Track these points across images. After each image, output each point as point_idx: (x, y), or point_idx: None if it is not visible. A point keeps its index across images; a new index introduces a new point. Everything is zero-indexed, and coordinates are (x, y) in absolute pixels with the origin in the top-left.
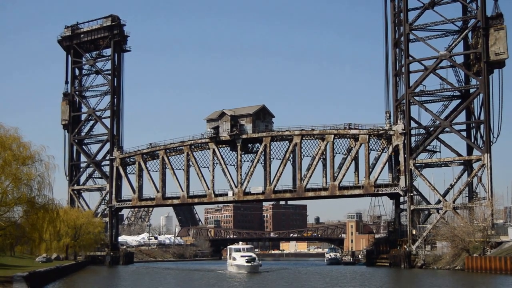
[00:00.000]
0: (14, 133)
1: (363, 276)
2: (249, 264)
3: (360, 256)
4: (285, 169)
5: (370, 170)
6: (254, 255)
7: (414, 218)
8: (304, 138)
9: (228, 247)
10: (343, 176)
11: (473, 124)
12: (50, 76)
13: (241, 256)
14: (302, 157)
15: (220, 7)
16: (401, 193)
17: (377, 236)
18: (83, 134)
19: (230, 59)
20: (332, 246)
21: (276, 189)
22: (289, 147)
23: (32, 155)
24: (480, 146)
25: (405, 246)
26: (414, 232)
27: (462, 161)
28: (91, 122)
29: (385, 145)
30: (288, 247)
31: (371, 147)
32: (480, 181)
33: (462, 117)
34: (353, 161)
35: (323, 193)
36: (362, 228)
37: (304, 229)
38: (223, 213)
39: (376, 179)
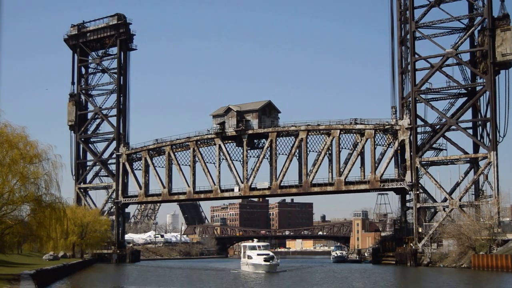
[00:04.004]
0: (21, 132)
1: (373, 274)
2: (268, 263)
3: (366, 254)
4: (291, 165)
5: (376, 165)
6: (271, 253)
7: (420, 216)
8: (310, 133)
9: (242, 244)
10: (349, 171)
11: (480, 122)
12: (56, 75)
13: (258, 255)
14: (308, 152)
15: (227, 2)
16: (407, 188)
17: (383, 234)
18: (89, 132)
19: (236, 55)
20: (338, 244)
21: (282, 184)
22: (295, 142)
23: (39, 153)
24: (487, 144)
25: (411, 244)
26: (420, 230)
27: (468, 159)
28: (97, 121)
29: (391, 140)
30: (294, 245)
31: (377, 142)
32: (487, 179)
33: (468, 115)
34: (359, 156)
35: (329, 188)
36: (368, 226)
37: (310, 227)
38: (229, 211)
39: (382, 174)
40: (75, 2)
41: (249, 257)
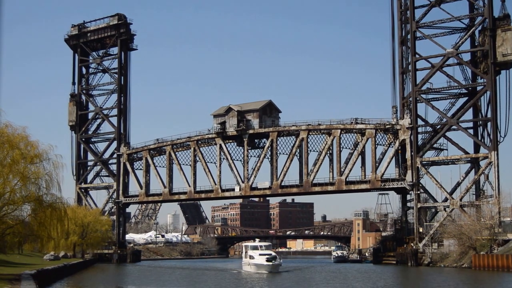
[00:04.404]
0: (22, 132)
1: (374, 274)
2: (270, 263)
3: (367, 254)
4: (291, 164)
5: (377, 165)
6: (274, 253)
7: (421, 216)
8: (310, 133)
9: (244, 244)
10: (350, 171)
11: (480, 122)
12: (57, 76)
13: (260, 255)
14: (309, 152)
15: (226, 1)
16: (407, 188)
17: (383, 234)
18: (90, 132)
19: (236, 55)
20: (339, 244)
21: (282, 184)
22: (295, 142)
23: (40, 154)
24: (487, 144)
25: (411, 244)
26: (421, 230)
27: (469, 159)
28: (98, 121)
29: (392, 139)
30: (295, 245)
31: (377, 141)
32: (487, 179)
33: (469, 114)
34: (360, 156)
35: (330, 188)
36: (368, 226)
37: (311, 227)
38: (229, 211)
39: (383, 174)
40: (76, 2)
41: (251, 257)
